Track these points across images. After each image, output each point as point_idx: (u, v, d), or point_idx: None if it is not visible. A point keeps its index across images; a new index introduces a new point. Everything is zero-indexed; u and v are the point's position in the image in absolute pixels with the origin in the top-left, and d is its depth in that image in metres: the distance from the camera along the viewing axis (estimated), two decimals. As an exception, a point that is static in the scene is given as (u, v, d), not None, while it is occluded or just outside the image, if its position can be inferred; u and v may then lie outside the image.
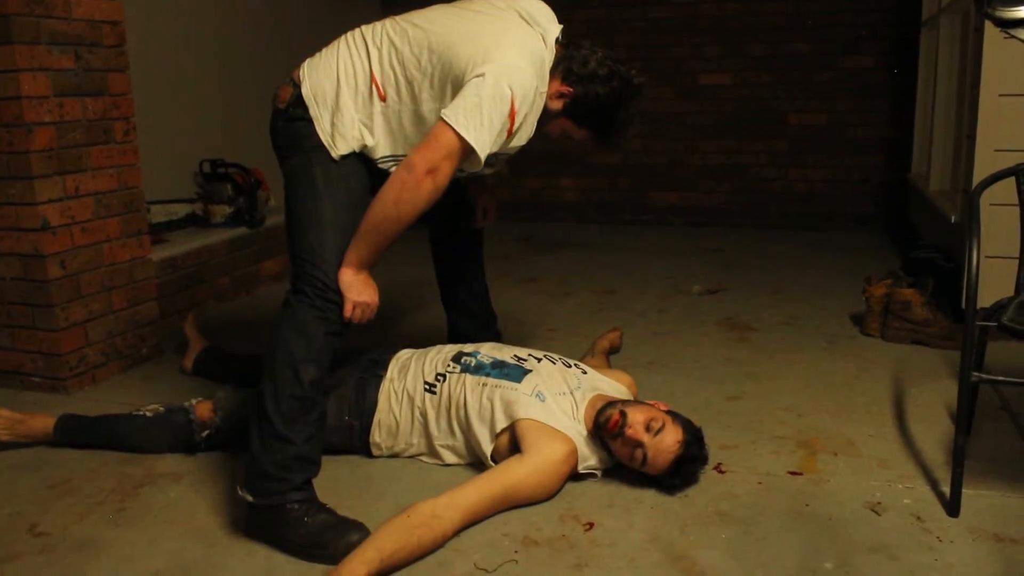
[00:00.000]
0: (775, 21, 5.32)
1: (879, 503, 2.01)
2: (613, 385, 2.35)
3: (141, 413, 2.40)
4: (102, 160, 2.97)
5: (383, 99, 2.04)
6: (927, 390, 2.69)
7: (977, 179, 2.68)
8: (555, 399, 2.15)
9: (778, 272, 4.28)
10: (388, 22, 2.10)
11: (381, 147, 2.07)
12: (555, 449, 2.03)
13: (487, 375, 2.19)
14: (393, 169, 1.99)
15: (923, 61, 4.76)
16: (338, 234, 1.98)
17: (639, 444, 2.02)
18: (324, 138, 2.05)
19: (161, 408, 2.39)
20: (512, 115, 1.92)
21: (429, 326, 3.30)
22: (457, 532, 1.87)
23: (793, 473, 2.17)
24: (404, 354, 2.38)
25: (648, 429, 2.03)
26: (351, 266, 1.98)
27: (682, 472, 2.07)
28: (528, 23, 2.07)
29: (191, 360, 2.93)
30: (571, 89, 2.07)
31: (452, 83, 1.96)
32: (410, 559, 1.78)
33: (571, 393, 2.19)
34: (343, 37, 2.14)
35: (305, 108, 2.07)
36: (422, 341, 2.51)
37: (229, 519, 2.01)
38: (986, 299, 2.18)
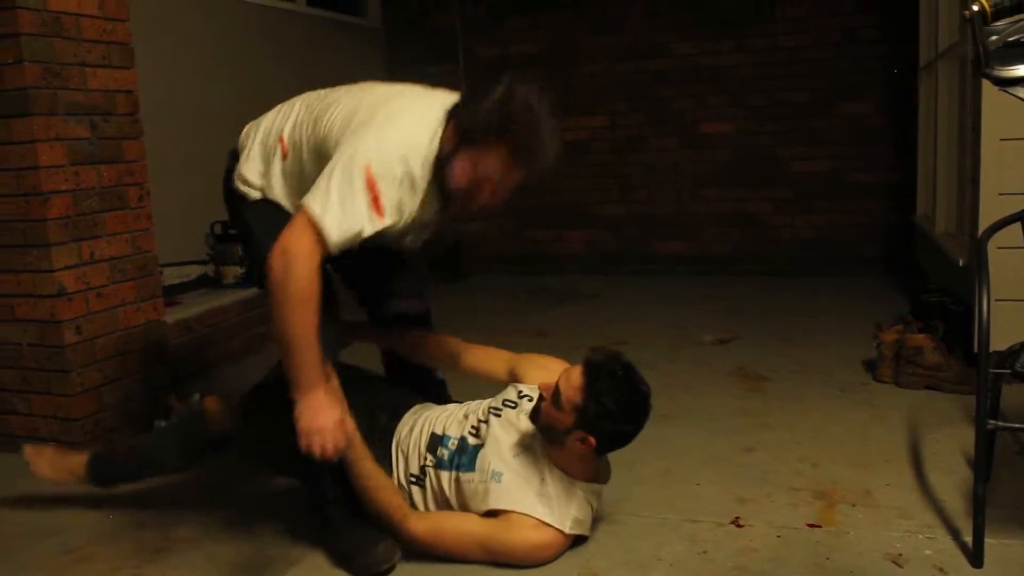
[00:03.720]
0: (773, 71, 5.40)
1: (900, 555, 1.99)
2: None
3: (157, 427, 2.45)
4: (117, 226, 3.02)
5: (284, 157, 2.08)
6: (943, 436, 2.68)
7: (983, 223, 2.70)
8: (514, 469, 2.04)
9: (787, 319, 4.29)
10: (323, 91, 2.16)
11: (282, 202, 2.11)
12: (528, 538, 1.98)
13: (454, 469, 2.11)
14: None
15: (923, 105, 4.81)
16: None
17: (557, 397, 1.97)
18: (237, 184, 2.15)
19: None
20: (372, 188, 1.82)
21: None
22: (413, 539, 2.02)
23: (812, 525, 2.16)
24: (403, 429, 2.27)
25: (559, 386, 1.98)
26: (294, 392, 1.84)
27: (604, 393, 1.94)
28: (432, 95, 2.02)
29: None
30: (456, 121, 1.92)
31: (324, 155, 1.94)
32: (360, 485, 2.03)
33: (525, 448, 2.08)
34: (279, 106, 2.21)
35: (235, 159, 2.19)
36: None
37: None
38: (998, 342, 2.18)
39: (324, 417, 1.81)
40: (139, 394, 3.09)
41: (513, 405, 2.16)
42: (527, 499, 2.00)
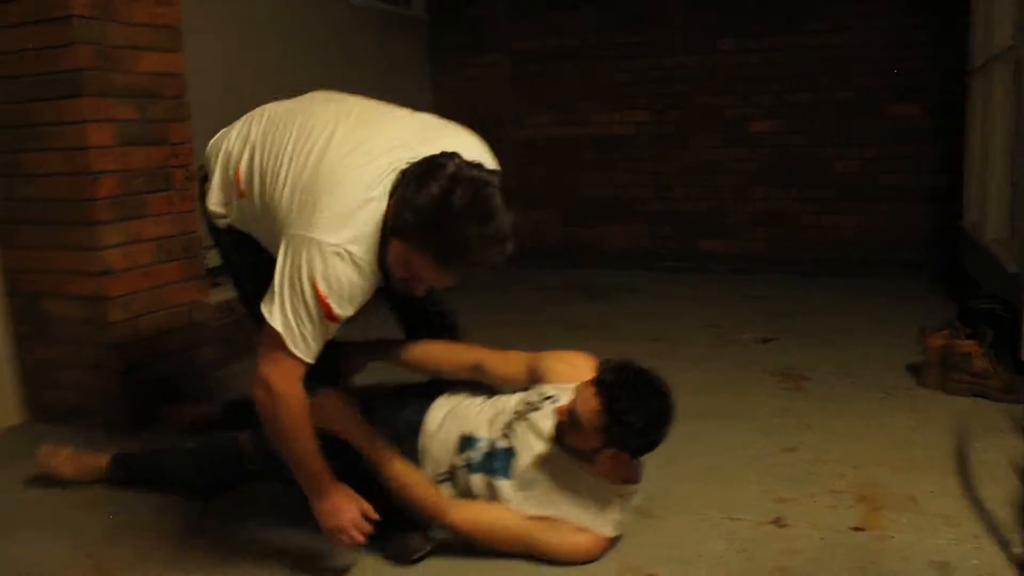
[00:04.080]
0: (818, 69, 5.33)
1: (946, 563, 1.95)
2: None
3: (185, 446, 2.41)
4: (162, 207, 3.04)
5: (241, 196, 2.00)
6: (990, 445, 2.62)
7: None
8: (549, 476, 2.02)
9: (827, 320, 4.23)
10: (269, 113, 2.04)
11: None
12: (569, 540, 1.98)
13: (488, 473, 2.09)
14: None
15: (973, 108, 4.72)
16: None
17: (576, 421, 1.94)
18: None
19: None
20: (323, 303, 1.75)
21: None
22: (454, 530, 2.01)
23: (856, 529, 2.13)
24: (431, 422, 2.25)
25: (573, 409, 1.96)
26: (309, 499, 1.92)
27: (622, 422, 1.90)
28: (391, 148, 1.83)
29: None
30: (392, 208, 1.77)
31: (274, 221, 1.86)
32: (393, 485, 2.01)
33: (557, 454, 2.03)
34: (246, 116, 2.11)
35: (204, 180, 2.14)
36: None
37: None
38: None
39: (342, 517, 1.90)
40: (181, 373, 3.12)
41: (538, 408, 2.11)
42: (566, 506, 2.00)
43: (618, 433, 1.90)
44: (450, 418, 2.22)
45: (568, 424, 1.95)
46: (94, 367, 2.93)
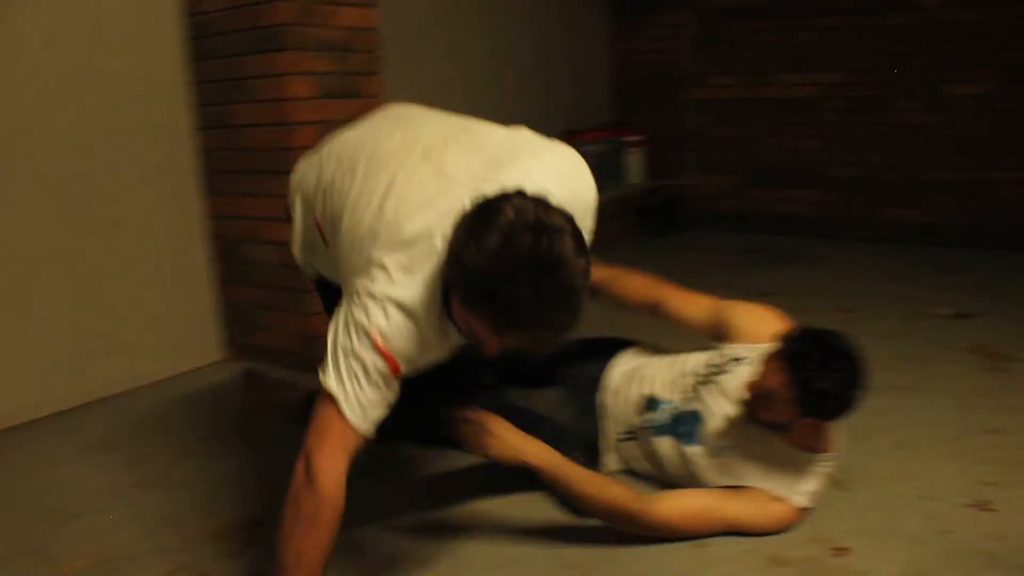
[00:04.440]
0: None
1: None
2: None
3: None
4: (355, 158, 3.14)
5: (326, 244, 1.85)
6: None
7: None
8: (740, 444, 1.96)
9: (1034, 299, 3.90)
10: (339, 150, 1.87)
11: None
12: (766, 511, 1.91)
13: (675, 437, 2.05)
14: None
15: None
16: None
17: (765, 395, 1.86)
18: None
19: None
20: (383, 353, 1.54)
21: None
22: (656, 522, 1.86)
23: (1074, 518, 1.95)
24: (612, 380, 2.25)
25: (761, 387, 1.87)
26: None
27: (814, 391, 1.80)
28: (452, 186, 1.59)
29: None
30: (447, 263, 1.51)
31: (344, 269, 1.70)
32: (603, 508, 1.86)
33: (748, 421, 1.96)
34: (322, 150, 1.97)
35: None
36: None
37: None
38: None
39: None
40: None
41: (724, 371, 2.05)
42: (758, 476, 1.93)
43: (810, 401, 1.81)
44: (632, 378, 2.20)
45: (758, 399, 1.89)
46: (288, 310, 3.08)
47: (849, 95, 5.43)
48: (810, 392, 1.80)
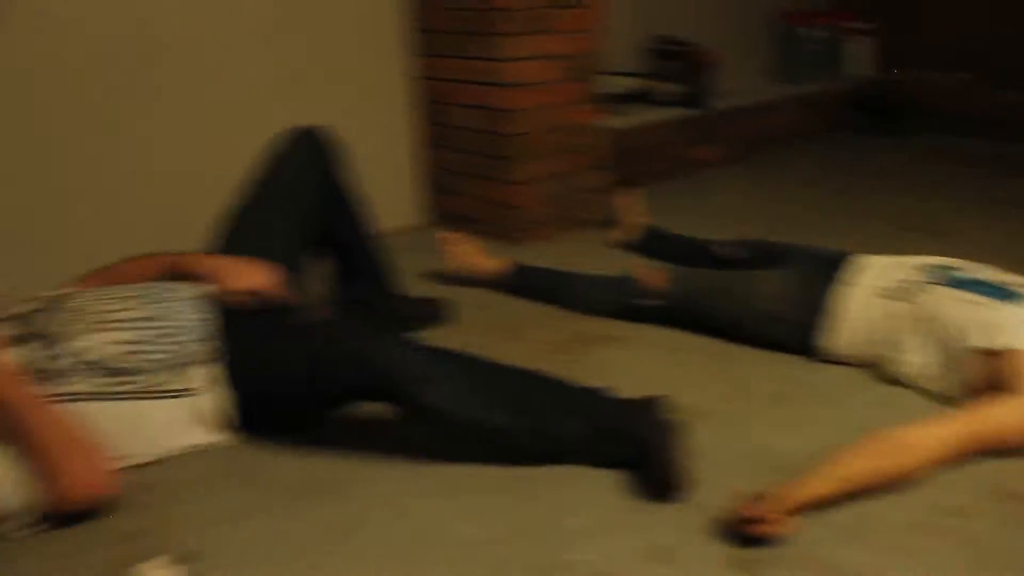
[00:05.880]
0: None
1: None
2: None
3: (587, 272, 2.46)
4: (567, 24, 2.98)
5: None
6: None
7: None
8: None
9: None
10: None
11: None
12: None
13: (967, 289, 1.87)
14: None
15: None
16: None
17: None
18: None
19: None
20: None
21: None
22: (922, 470, 1.57)
23: None
24: (863, 260, 2.10)
25: None
26: None
27: None
28: None
29: (624, 234, 2.88)
30: None
31: None
32: (861, 488, 1.52)
33: None
34: None
35: None
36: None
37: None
38: None
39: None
40: (571, 193, 3.14)
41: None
42: None
43: None
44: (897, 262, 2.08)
45: None
46: (488, 178, 3.02)
47: None
48: None
